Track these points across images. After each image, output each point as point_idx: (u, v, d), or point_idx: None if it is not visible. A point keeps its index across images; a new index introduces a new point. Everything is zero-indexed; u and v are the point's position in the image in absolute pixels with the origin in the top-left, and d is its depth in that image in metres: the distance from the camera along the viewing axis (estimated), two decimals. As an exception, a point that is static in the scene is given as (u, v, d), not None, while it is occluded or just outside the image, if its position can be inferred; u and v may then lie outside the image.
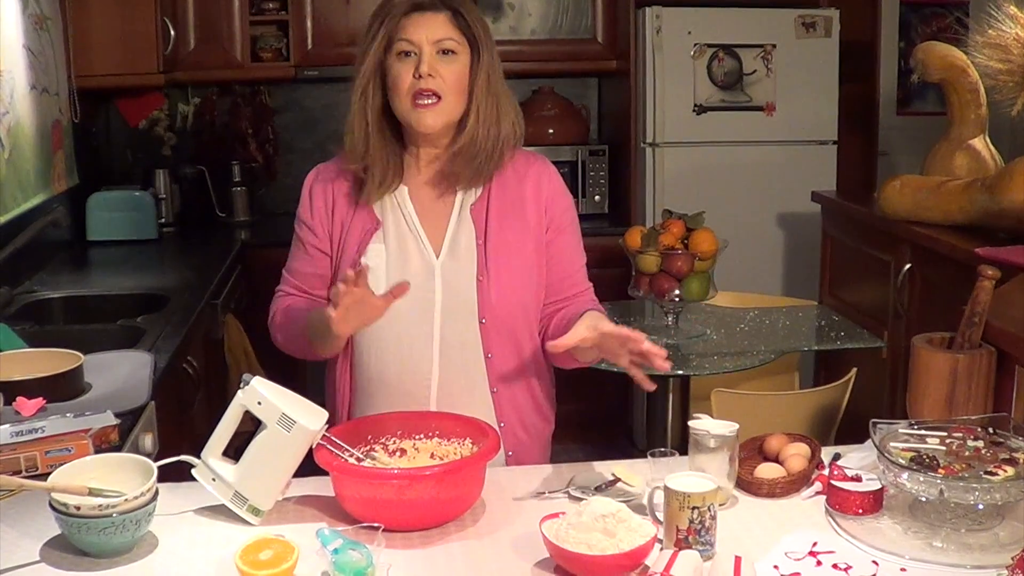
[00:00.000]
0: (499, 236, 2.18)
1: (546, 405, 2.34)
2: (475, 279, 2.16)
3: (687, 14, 4.79)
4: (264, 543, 1.65)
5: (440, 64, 2.10)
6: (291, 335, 2.22)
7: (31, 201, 3.65)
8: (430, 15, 2.11)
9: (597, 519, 1.69)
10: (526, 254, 2.20)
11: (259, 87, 5.25)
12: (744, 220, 4.77)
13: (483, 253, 2.17)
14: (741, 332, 3.55)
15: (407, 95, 2.10)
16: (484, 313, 2.15)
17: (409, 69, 2.09)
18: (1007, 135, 4.09)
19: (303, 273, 2.26)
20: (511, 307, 2.16)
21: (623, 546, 1.65)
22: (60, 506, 1.67)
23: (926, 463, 1.82)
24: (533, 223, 2.21)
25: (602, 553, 1.64)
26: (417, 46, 2.09)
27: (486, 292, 2.15)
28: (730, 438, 1.91)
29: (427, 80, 2.08)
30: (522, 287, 2.19)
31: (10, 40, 3.48)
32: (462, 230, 2.19)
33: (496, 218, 2.19)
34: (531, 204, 2.22)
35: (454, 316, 2.16)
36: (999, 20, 3.18)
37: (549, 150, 5.10)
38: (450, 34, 2.11)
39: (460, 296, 2.15)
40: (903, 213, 3.64)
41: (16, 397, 2.15)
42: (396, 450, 2.00)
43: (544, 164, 2.28)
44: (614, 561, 1.64)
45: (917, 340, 2.26)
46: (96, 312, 3.37)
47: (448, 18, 2.12)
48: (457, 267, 2.17)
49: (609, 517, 1.69)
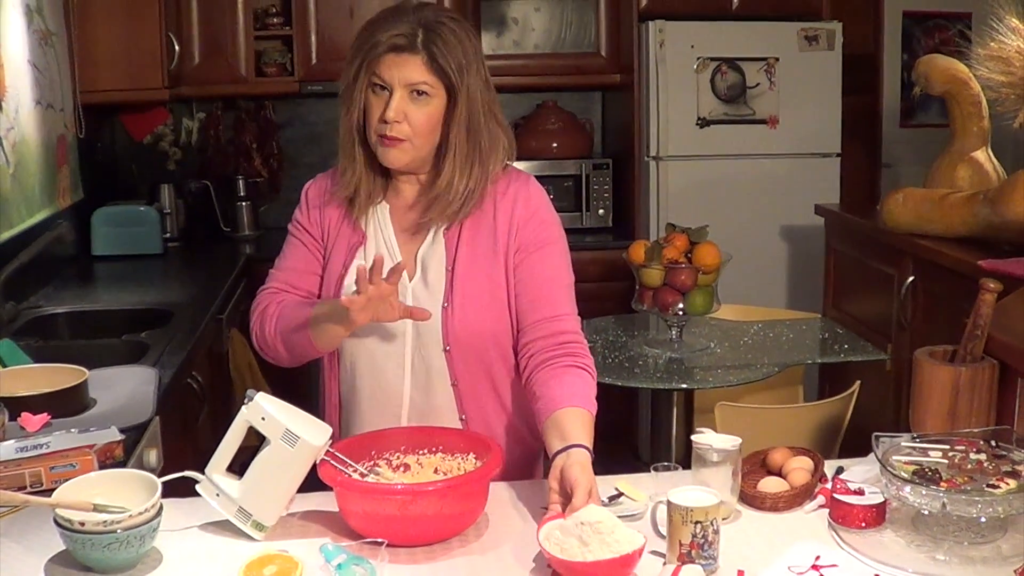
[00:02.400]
0: (468, 262, 2.16)
1: (524, 430, 2.27)
2: (440, 306, 2.14)
3: (690, 28, 4.80)
4: (268, 559, 1.65)
5: (411, 106, 2.07)
6: (287, 327, 2.15)
7: (36, 216, 3.66)
8: (406, 56, 2.06)
9: (577, 525, 1.70)
10: (495, 280, 2.16)
11: (264, 102, 5.27)
12: (748, 233, 4.77)
13: (450, 279, 2.15)
14: (745, 345, 3.56)
15: (375, 131, 2.10)
16: (448, 341, 2.13)
17: (380, 105, 2.08)
18: (1010, 147, 4.08)
19: (297, 270, 2.25)
20: (477, 336, 2.13)
21: (588, 556, 1.66)
22: (64, 522, 1.68)
23: (929, 476, 1.82)
24: (502, 247, 2.17)
25: (565, 557, 1.67)
26: (389, 85, 2.07)
27: (449, 320, 2.13)
28: (733, 452, 1.91)
29: (393, 127, 2.07)
30: (490, 315, 2.16)
31: (15, 56, 3.50)
32: (434, 253, 2.17)
33: (467, 243, 2.17)
34: (501, 228, 2.18)
35: (422, 341, 2.15)
36: (1001, 33, 3.18)
37: (553, 164, 5.12)
38: (424, 78, 2.07)
39: (427, 323, 2.12)
40: (906, 226, 3.64)
41: (21, 413, 2.16)
42: (400, 465, 2.00)
43: (522, 185, 2.22)
44: (565, 566, 1.66)
45: (919, 353, 2.26)
46: (101, 327, 3.38)
47: (423, 61, 2.06)
48: (426, 293, 2.15)
49: (587, 526, 1.69)
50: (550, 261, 2.18)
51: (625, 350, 3.50)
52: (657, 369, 3.37)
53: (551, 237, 2.20)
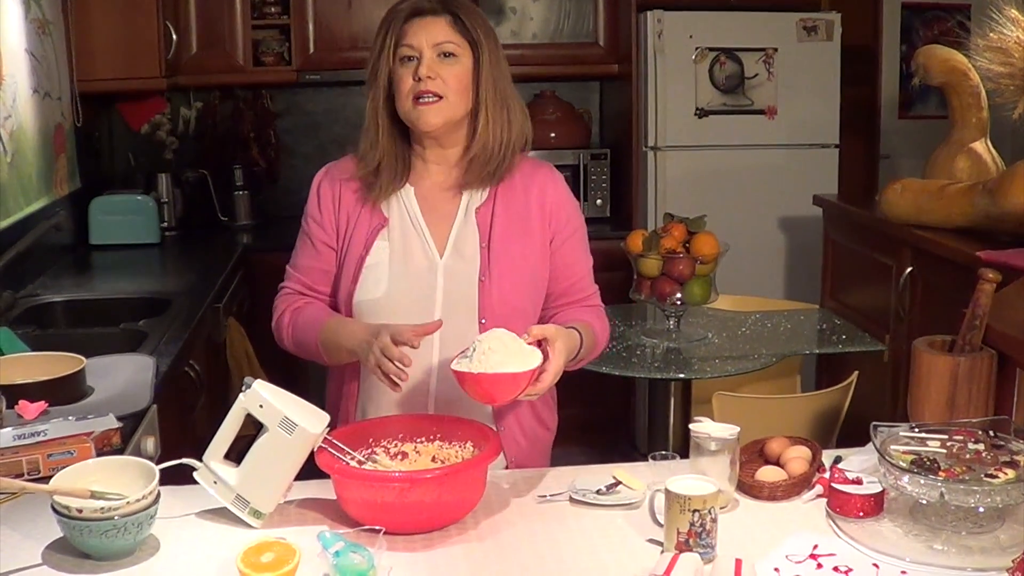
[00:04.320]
0: (503, 241, 2.20)
1: (546, 412, 2.35)
2: (477, 279, 2.18)
3: (688, 18, 4.79)
4: (266, 546, 1.65)
5: (441, 67, 2.13)
6: (303, 341, 2.24)
7: (33, 205, 3.66)
8: (430, 19, 2.15)
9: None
10: (529, 260, 2.22)
11: (261, 91, 5.26)
12: (746, 224, 4.78)
13: (486, 255, 2.19)
14: (743, 336, 3.56)
15: (408, 97, 2.13)
16: (484, 313, 2.16)
17: (410, 72, 2.13)
18: (1008, 138, 4.09)
19: (309, 268, 2.28)
20: (511, 310, 2.16)
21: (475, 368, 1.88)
22: (62, 509, 1.68)
23: (927, 466, 1.82)
24: (537, 231, 2.24)
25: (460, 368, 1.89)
26: (418, 50, 2.13)
27: (487, 292, 2.17)
28: (731, 441, 1.91)
29: (427, 82, 2.12)
30: (523, 292, 2.21)
31: (12, 45, 3.49)
32: (467, 232, 2.21)
33: (501, 223, 2.21)
34: (536, 212, 2.24)
35: (454, 315, 2.16)
36: (1000, 23, 3.18)
37: (551, 154, 5.10)
38: (450, 37, 2.15)
39: (461, 295, 2.17)
40: (904, 216, 3.64)
41: (19, 400, 2.16)
42: (397, 453, 2.00)
43: (550, 171, 2.31)
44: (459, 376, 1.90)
45: (918, 343, 2.26)
46: (98, 316, 3.38)
47: (448, 22, 2.15)
48: (460, 267, 2.19)
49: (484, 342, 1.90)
50: (581, 246, 2.32)
51: (623, 340, 3.50)
52: (655, 359, 3.37)
53: (580, 222, 2.32)
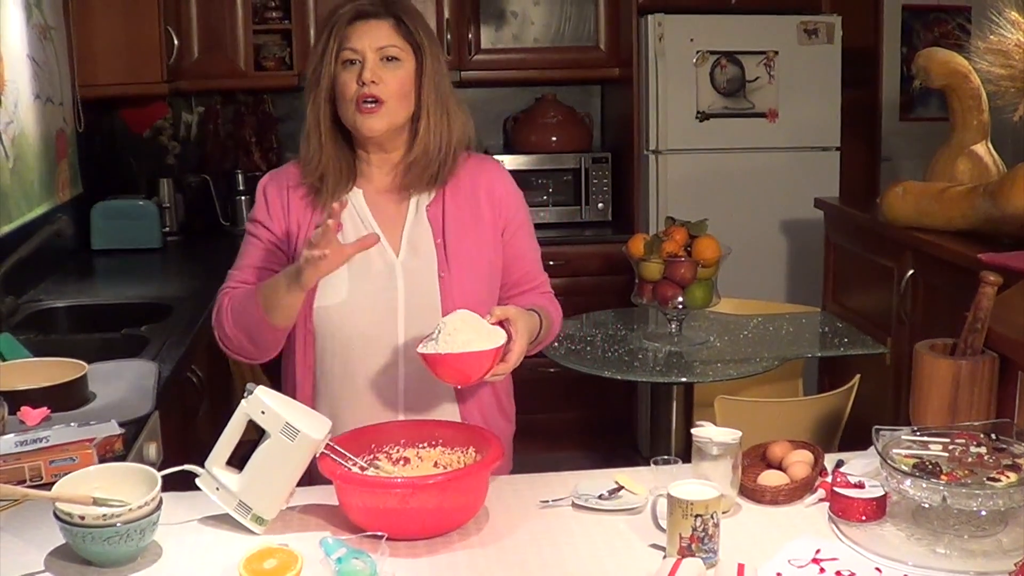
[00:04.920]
0: (457, 235, 2.21)
1: (507, 403, 2.36)
2: (437, 276, 2.18)
3: (689, 21, 4.80)
4: (268, 552, 1.65)
5: (384, 71, 2.12)
6: (240, 313, 2.13)
7: (35, 210, 3.66)
8: (373, 23, 2.14)
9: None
10: (484, 252, 2.23)
11: (262, 96, 5.27)
12: (747, 227, 4.78)
13: (443, 251, 2.19)
14: (744, 339, 3.56)
15: (351, 101, 2.12)
16: (447, 308, 2.15)
17: (353, 76, 2.12)
18: (1009, 141, 4.08)
19: (256, 268, 2.22)
20: (472, 303, 2.12)
21: (442, 349, 1.92)
22: (64, 515, 1.68)
23: (929, 469, 1.82)
24: (489, 223, 2.25)
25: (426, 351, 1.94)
26: (361, 54, 2.12)
27: (448, 288, 2.17)
28: (733, 445, 1.91)
29: (370, 87, 2.11)
30: (483, 283, 2.22)
31: (14, 50, 3.49)
32: (419, 231, 2.21)
33: (453, 218, 2.22)
34: (486, 204, 2.26)
35: (417, 313, 2.16)
36: (1001, 26, 3.17)
37: (552, 158, 5.12)
38: (393, 41, 2.14)
39: (423, 293, 2.17)
40: (906, 219, 3.64)
41: (21, 407, 2.16)
42: (399, 459, 2.00)
43: (495, 166, 2.34)
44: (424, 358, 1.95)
45: (920, 347, 2.26)
46: (100, 321, 3.37)
47: (391, 25, 2.14)
48: (418, 265, 2.19)
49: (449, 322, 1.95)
50: (530, 236, 2.35)
51: (625, 344, 3.50)
52: (657, 363, 3.37)
53: (527, 213, 2.36)
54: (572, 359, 3.35)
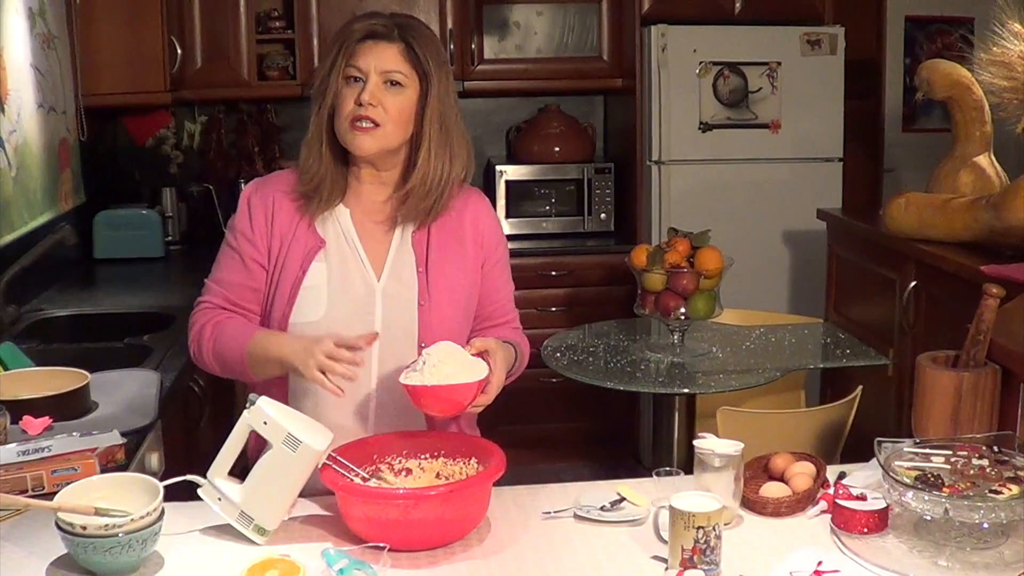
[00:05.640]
0: (440, 265, 2.21)
1: (469, 431, 2.32)
2: (416, 304, 2.17)
3: (692, 32, 4.80)
4: (270, 563, 1.65)
5: (385, 95, 2.11)
6: (225, 355, 2.15)
7: (38, 220, 3.66)
8: (383, 45, 2.12)
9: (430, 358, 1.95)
10: (464, 284, 2.23)
11: (265, 105, 5.27)
12: (750, 238, 4.78)
13: (424, 279, 2.19)
14: (747, 350, 3.56)
15: (347, 119, 2.11)
16: (424, 337, 2.15)
17: (353, 94, 2.11)
18: (1012, 152, 4.08)
19: (234, 284, 2.21)
20: (449, 333, 2.14)
21: (428, 381, 1.92)
22: (66, 525, 1.68)
23: (931, 482, 1.82)
24: (471, 255, 2.25)
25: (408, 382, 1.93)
26: (364, 73, 2.11)
27: (427, 316, 2.17)
28: (735, 457, 1.91)
29: (367, 108, 2.09)
30: (460, 315, 2.23)
31: (18, 59, 3.50)
32: (403, 257, 2.20)
33: (437, 248, 2.21)
34: (470, 236, 2.26)
35: (393, 338, 2.15)
36: (1004, 37, 3.18)
37: (555, 168, 5.12)
38: (399, 67, 2.12)
39: (400, 319, 2.17)
40: (908, 230, 3.64)
41: (23, 416, 2.16)
42: (401, 470, 2.00)
43: (480, 199, 2.32)
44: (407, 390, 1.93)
45: (922, 358, 2.26)
46: (103, 330, 3.37)
47: (400, 50, 2.12)
48: (398, 291, 2.18)
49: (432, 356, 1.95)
50: (506, 272, 2.36)
51: (627, 354, 3.50)
52: (659, 374, 3.37)
53: (505, 248, 2.37)
54: (574, 369, 3.35)
